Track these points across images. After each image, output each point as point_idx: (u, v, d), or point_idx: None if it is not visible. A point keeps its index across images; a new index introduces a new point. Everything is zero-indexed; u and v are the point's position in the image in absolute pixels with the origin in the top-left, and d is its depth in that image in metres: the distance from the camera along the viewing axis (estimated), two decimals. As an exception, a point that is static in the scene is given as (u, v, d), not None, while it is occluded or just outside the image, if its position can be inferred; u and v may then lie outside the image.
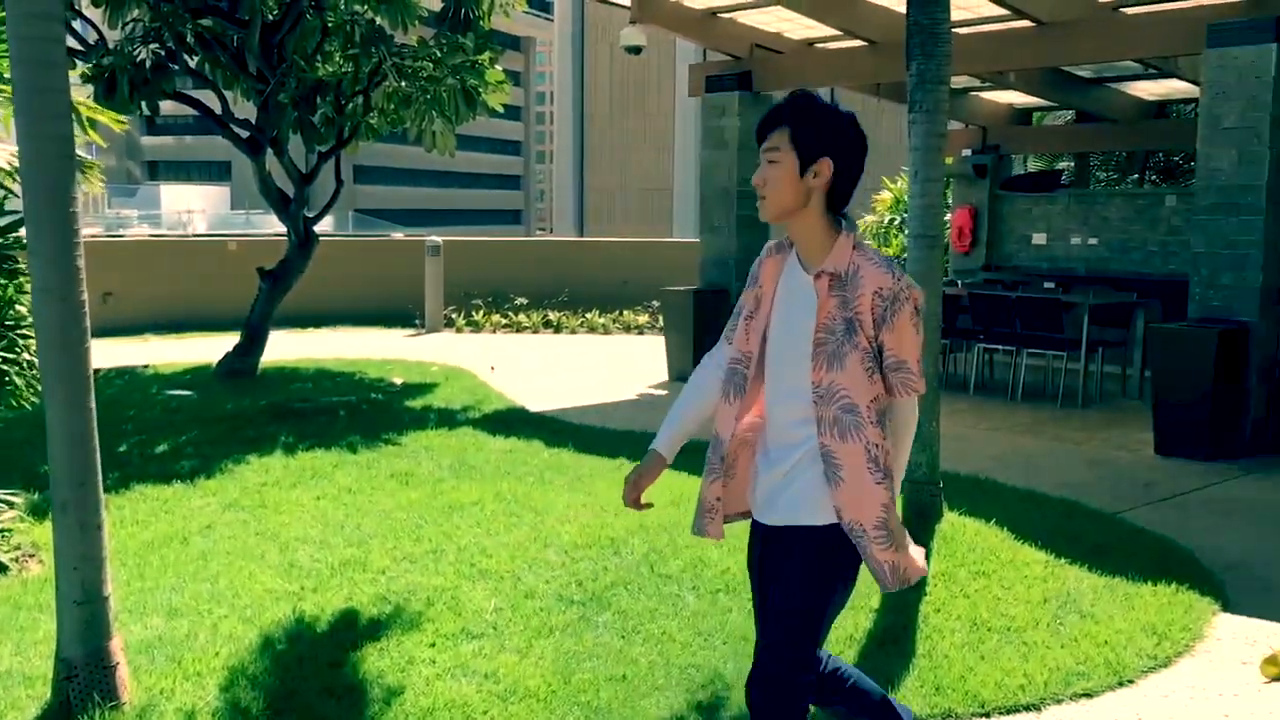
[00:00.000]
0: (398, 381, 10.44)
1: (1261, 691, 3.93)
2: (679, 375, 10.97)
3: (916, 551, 2.68)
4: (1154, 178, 15.55)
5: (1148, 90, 13.01)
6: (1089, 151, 14.72)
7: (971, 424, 8.76)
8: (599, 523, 5.53)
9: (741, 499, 2.86)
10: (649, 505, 2.95)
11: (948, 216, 14.46)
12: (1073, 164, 15.34)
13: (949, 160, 13.96)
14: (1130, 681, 3.99)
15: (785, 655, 2.63)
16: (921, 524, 5.36)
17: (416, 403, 9.33)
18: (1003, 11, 9.07)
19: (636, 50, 11.09)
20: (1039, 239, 13.06)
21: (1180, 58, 10.32)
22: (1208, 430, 7.53)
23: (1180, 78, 11.07)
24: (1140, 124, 13.36)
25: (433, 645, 4.15)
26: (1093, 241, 12.58)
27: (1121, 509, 6.27)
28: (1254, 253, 7.66)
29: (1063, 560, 5.15)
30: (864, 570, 2.70)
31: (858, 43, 10.42)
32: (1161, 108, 13.78)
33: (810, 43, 11.18)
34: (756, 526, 2.83)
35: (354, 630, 4.31)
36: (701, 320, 10.89)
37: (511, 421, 8.52)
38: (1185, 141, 13.97)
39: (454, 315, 15.75)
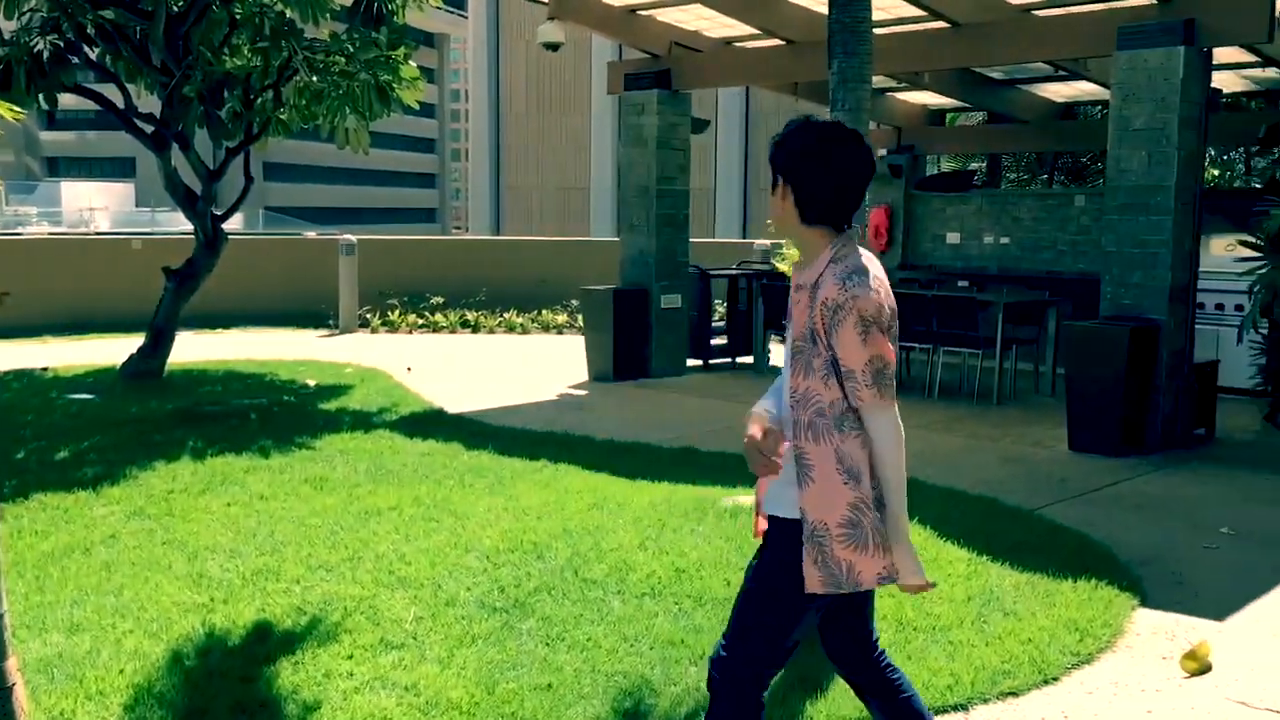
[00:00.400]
0: (311, 383, 10.19)
1: (1182, 687, 3.97)
2: (599, 375, 10.88)
3: (908, 557, 2.70)
4: (1062, 178, 15.87)
5: (1057, 92, 13.26)
6: (1000, 152, 14.98)
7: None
8: (521, 527, 5.42)
9: None
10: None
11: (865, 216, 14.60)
12: (985, 164, 15.59)
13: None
14: (1055, 679, 4.01)
15: (733, 643, 2.74)
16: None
17: (331, 405, 9.12)
18: (919, 12, 9.15)
19: (554, 47, 10.97)
20: (953, 238, 13.23)
21: (1089, 60, 10.53)
22: (1119, 426, 7.67)
23: (1089, 79, 11.29)
24: (1049, 125, 13.62)
25: (350, 657, 4.01)
26: (1005, 240, 12.79)
27: (1038, 505, 6.34)
28: (1163, 252, 7.82)
29: (984, 558, 5.18)
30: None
31: (776, 42, 10.44)
32: (1069, 109, 14.07)
33: (729, 41, 11.17)
34: None
35: (267, 643, 4.15)
36: (622, 320, 10.83)
37: (429, 423, 8.36)
38: (1092, 142, 14.33)
39: (369, 315, 15.47)
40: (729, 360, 12.06)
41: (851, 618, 2.88)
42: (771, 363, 11.88)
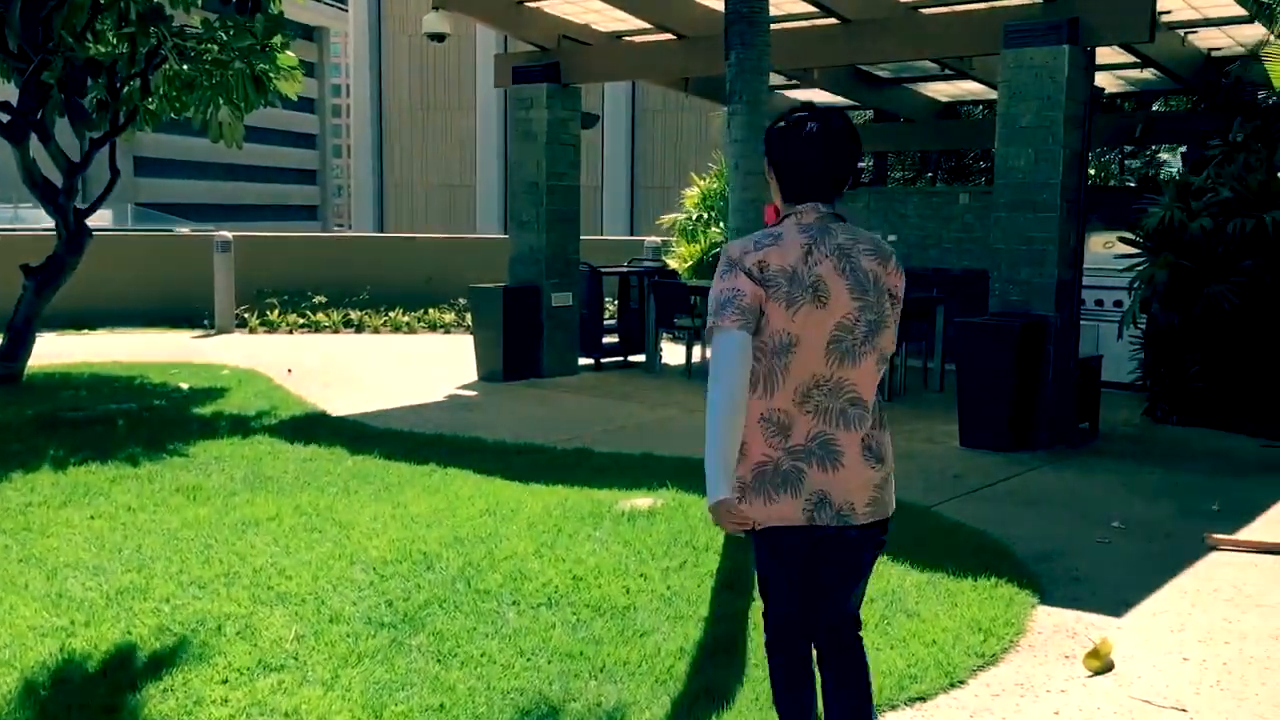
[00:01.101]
0: (184, 386, 9.71)
1: (1087, 686, 3.93)
2: (489, 375, 10.62)
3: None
4: (945, 176, 16.11)
5: (941, 91, 13.42)
6: (886, 151, 15.12)
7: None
8: (409, 536, 5.17)
9: None
10: None
11: (754, 213, 14.60)
12: (871, 163, 15.73)
13: (756, 158, 14.08)
14: (962, 682, 3.94)
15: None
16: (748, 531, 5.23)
17: (205, 409, 8.69)
18: (810, 9, 9.13)
19: (440, 38, 10.67)
20: (842, 236, 13.27)
21: (974, 60, 10.65)
22: (1009, 422, 7.73)
23: (974, 79, 11.43)
24: (934, 124, 13.78)
25: (225, 682, 3.73)
26: (892, 238, 12.88)
27: (935, 502, 6.32)
28: (1050, 248, 7.91)
29: (885, 558, 5.10)
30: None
31: (667, 36, 10.32)
32: (952, 108, 14.27)
33: (619, 35, 11.01)
34: None
35: (132, 668, 3.84)
36: (512, 318, 10.59)
37: (311, 427, 8.01)
38: (974, 141, 14.55)
39: (247, 315, 14.90)
40: (621, 359, 11.91)
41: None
42: (664, 361, 11.76)
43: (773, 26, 9.16)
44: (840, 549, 2.79)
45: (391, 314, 15.42)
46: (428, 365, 11.71)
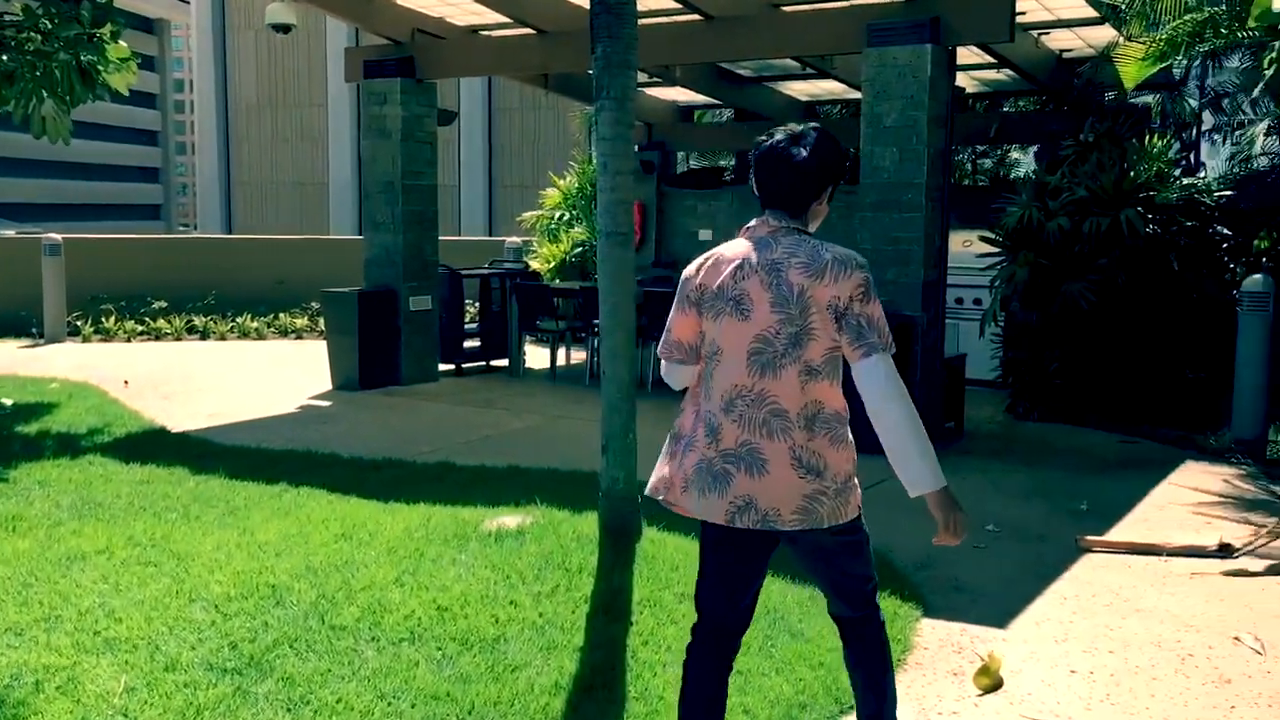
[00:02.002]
0: (7, 402, 8.96)
1: (979, 705, 3.80)
2: (344, 384, 10.13)
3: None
4: (806, 176, 16.16)
5: (801, 90, 13.43)
6: (749, 150, 15.09)
7: (654, 424, 8.54)
8: (257, 567, 4.75)
9: None
10: None
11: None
12: (733, 162, 15.68)
13: (616, 156, 13.85)
14: (852, 707, 3.75)
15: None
16: (622, 544, 4.97)
17: (30, 427, 8.01)
18: (672, 4, 8.93)
19: (284, 29, 10.13)
20: (705, 234, 13.17)
21: (836, 59, 10.62)
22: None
23: (835, 78, 11.43)
24: (793, 123, 13.76)
25: (41, 749, 3.30)
26: (756, 238, 12.82)
27: (811, 509, 6.18)
28: (916, 248, 7.88)
29: (768, 571, 4.91)
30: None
31: (526, 31, 9.99)
32: (811, 108, 14.31)
33: (475, 29, 10.63)
34: None
35: (-69, 738, 3.37)
36: (368, 323, 10.12)
37: (149, 445, 7.44)
38: (834, 141, 14.60)
39: (80, 323, 13.97)
40: (483, 364, 11.54)
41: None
42: (527, 365, 11.44)
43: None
44: (764, 556, 3.00)
45: (239, 319, 14.70)
46: (279, 374, 11.14)
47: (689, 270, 2.97)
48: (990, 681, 3.91)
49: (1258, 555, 5.52)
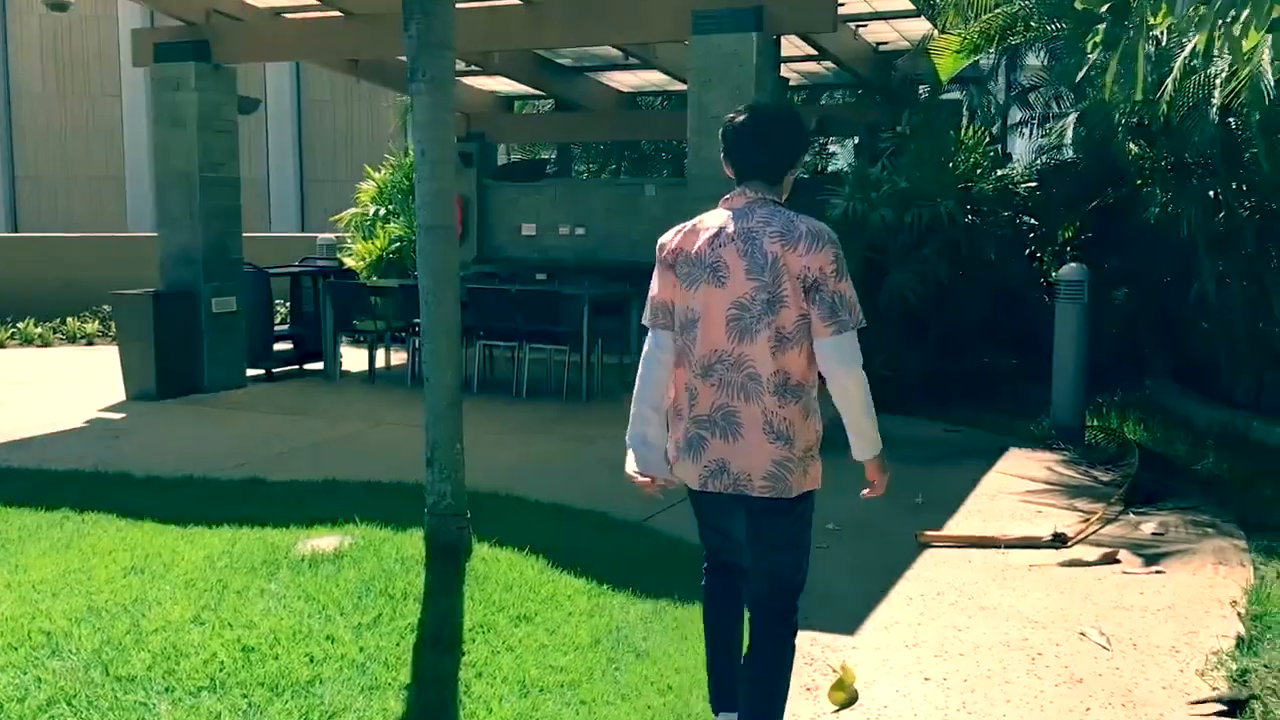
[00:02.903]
0: None
1: (837, 724, 3.60)
2: (140, 393, 9.34)
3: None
4: (629, 168, 15.99)
5: (623, 81, 13.21)
6: (569, 142, 14.77)
7: (482, 428, 8.16)
8: (29, 611, 4.18)
9: None
10: None
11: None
12: (555, 154, 15.37)
13: (434, 148, 13.32)
14: (706, 735, 3.50)
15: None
16: (451, 564, 4.60)
17: None
18: (489, -13, 8.54)
19: (62, 7, 9.26)
20: (529, 229, 12.83)
21: (659, 50, 10.41)
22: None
23: (658, 68, 11.24)
24: (615, 115, 13.55)
25: None
26: (580, 231, 12.56)
27: (649, 514, 5.91)
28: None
29: (605, 587, 4.63)
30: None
31: (333, 13, 9.41)
32: (634, 100, 14.13)
33: (278, 12, 9.97)
34: None
35: None
36: (165, 327, 9.36)
37: (-91, 470, 6.63)
38: (655, 132, 14.48)
39: None
40: (297, 368, 10.89)
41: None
42: (344, 368, 10.85)
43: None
44: (742, 511, 3.05)
45: (21, 325, 13.52)
46: (66, 384, 10.23)
47: (665, 237, 3.11)
48: (846, 696, 3.72)
49: (1090, 543, 5.56)
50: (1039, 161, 11.78)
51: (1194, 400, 8.62)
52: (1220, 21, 5.23)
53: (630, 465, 3.17)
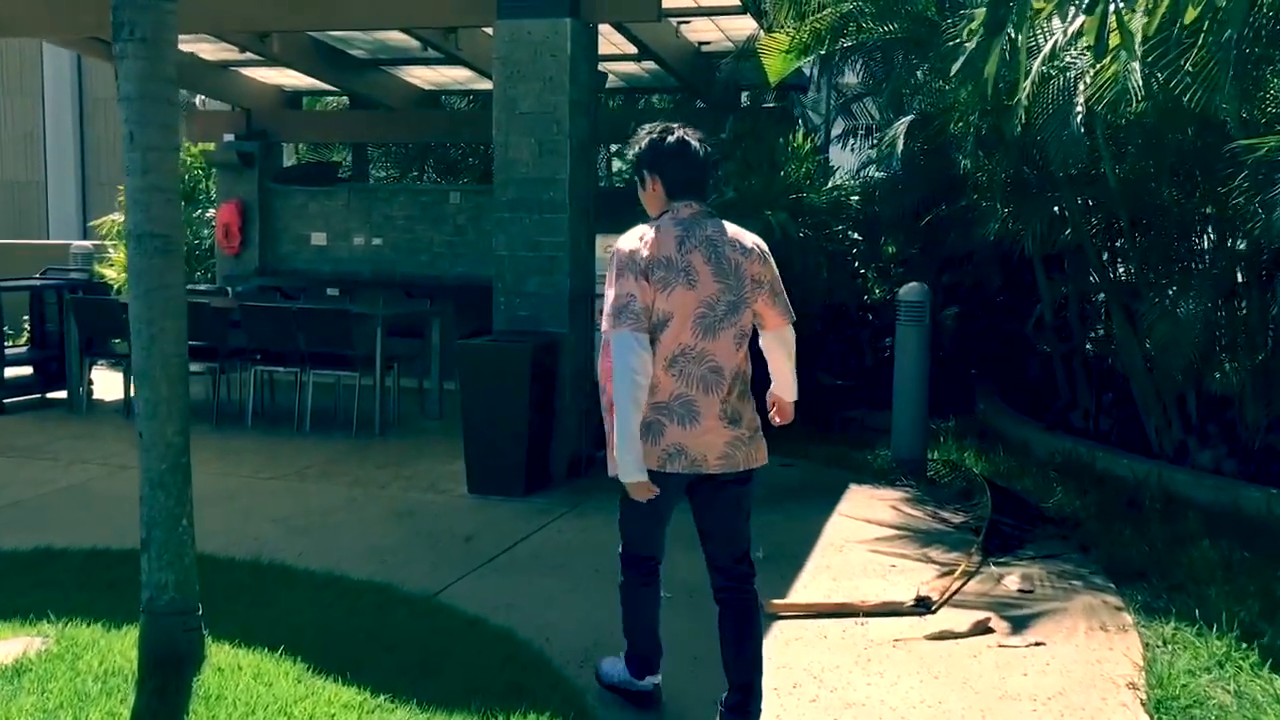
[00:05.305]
0: None
1: None
2: None
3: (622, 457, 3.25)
4: (433, 174, 14.86)
5: (424, 78, 12.12)
6: (366, 142, 13.51)
7: (251, 471, 6.97)
8: None
9: None
10: None
11: (210, 212, 12.42)
12: (349, 156, 14.07)
13: (210, 146, 11.94)
14: None
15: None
16: (173, 680, 3.48)
17: None
18: (262, -42, 7.36)
19: None
20: (319, 239, 11.57)
21: (463, 41, 9.37)
22: (525, 462, 6.52)
23: (462, 62, 10.20)
24: (417, 114, 12.44)
25: None
26: (377, 241, 11.39)
27: (445, 583, 4.92)
28: (561, 255, 6.82)
29: (383, 698, 3.60)
30: None
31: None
32: (436, 97, 13.05)
33: (10, -19, 8.48)
34: None
35: None
36: None
37: None
38: (460, 135, 13.42)
39: None
40: (37, 396, 9.35)
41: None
42: (97, 396, 9.37)
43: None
44: (702, 490, 3.36)
45: None
46: None
47: (631, 245, 3.26)
48: None
49: (954, 604, 4.86)
50: (864, 173, 11.31)
51: (1030, 426, 8.17)
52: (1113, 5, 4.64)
53: (633, 474, 3.20)
